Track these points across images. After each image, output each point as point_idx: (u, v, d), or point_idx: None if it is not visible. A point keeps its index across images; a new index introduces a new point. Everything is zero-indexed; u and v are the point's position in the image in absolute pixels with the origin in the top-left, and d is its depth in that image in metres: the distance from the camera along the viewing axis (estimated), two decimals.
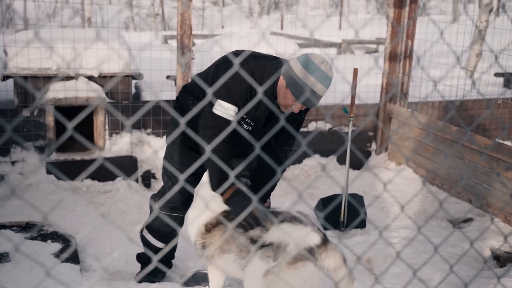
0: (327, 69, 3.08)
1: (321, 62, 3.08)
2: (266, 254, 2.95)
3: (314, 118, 6.65)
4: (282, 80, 3.18)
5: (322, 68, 3.06)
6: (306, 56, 3.11)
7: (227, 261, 3.19)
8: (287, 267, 2.90)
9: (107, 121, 5.98)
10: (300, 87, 3.08)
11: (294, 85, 3.09)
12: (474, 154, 5.52)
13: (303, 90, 3.07)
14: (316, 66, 3.05)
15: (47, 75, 5.72)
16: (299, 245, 2.91)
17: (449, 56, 9.25)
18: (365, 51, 15.47)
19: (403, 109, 6.62)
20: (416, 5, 6.56)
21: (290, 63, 3.14)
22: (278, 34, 16.61)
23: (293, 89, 3.10)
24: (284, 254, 2.91)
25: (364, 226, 5.18)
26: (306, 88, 3.06)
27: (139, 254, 4.15)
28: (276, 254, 2.92)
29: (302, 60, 3.10)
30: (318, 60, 3.08)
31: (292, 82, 3.10)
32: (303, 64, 3.07)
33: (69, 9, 24.41)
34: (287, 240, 2.92)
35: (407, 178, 6.31)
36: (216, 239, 3.22)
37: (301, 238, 2.93)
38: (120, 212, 5.40)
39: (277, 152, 3.53)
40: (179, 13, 5.73)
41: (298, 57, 3.14)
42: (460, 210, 5.52)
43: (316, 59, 3.08)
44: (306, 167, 6.52)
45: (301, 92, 3.08)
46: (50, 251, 4.26)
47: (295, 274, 2.91)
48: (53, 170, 5.67)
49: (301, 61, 3.09)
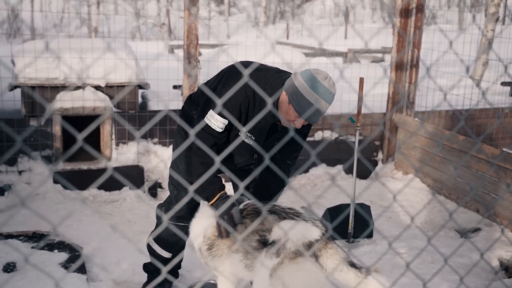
0: (330, 85, 3.05)
1: (324, 78, 3.05)
2: (270, 252, 2.98)
3: (321, 128, 6.64)
4: (284, 95, 3.15)
5: (325, 85, 3.03)
6: (309, 72, 3.08)
7: (234, 260, 3.20)
8: (288, 263, 2.93)
9: (113, 131, 6.00)
10: (303, 104, 3.06)
11: (297, 101, 3.07)
12: (481, 163, 5.50)
13: (306, 106, 3.05)
14: (319, 82, 3.03)
15: (54, 85, 5.74)
16: (298, 241, 2.92)
17: (455, 65, 9.24)
18: (371, 60, 15.47)
19: (410, 119, 6.61)
20: (422, 14, 6.56)
21: (293, 79, 3.11)
22: (284, 43, 16.65)
23: (296, 105, 3.08)
24: (285, 250, 2.93)
25: (372, 236, 5.16)
26: (309, 105, 3.04)
27: (146, 264, 4.14)
28: (278, 251, 2.95)
29: (305, 76, 3.07)
30: (321, 76, 3.05)
31: (295, 98, 3.07)
32: (307, 80, 3.05)
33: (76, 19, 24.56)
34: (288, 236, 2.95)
35: (414, 188, 6.29)
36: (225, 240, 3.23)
37: (301, 233, 2.95)
38: (127, 222, 5.40)
39: (279, 166, 3.51)
40: (186, 23, 5.75)
41: (301, 73, 3.11)
42: (467, 220, 5.49)
43: (320, 75, 3.06)
44: (312, 177, 6.51)
45: (304, 109, 3.07)
46: (57, 261, 4.26)
47: (297, 270, 2.93)
48: (60, 179, 5.68)
49: (305, 77, 3.06)
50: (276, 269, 2.95)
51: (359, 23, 29.31)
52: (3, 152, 5.62)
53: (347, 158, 6.72)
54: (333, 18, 31.08)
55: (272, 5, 30.80)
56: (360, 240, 5.11)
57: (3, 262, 4.14)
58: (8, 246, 4.33)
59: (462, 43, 7.11)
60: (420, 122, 6.46)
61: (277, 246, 2.96)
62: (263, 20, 27.18)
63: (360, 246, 4.99)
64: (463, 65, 9.16)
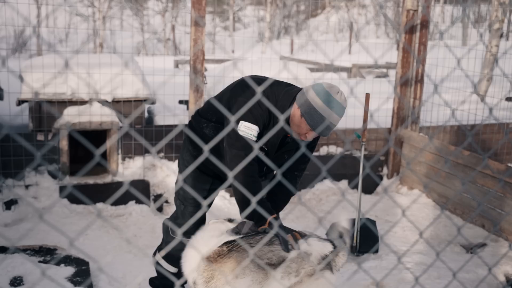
0: (342, 100, 3.12)
1: (337, 92, 3.11)
2: (288, 271, 2.98)
3: (326, 143, 6.66)
4: (297, 108, 3.19)
5: (338, 99, 3.09)
6: (322, 86, 3.13)
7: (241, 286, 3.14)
8: (308, 279, 2.97)
9: (120, 145, 6.03)
10: (316, 118, 3.10)
11: (311, 115, 3.11)
12: (486, 179, 5.50)
13: (319, 121, 3.10)
14: (332, 97, 3.08)
15: (61, 100, 5.79)
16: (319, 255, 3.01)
17: (459, 81, 9.26)
18: (375, 75, 15.53)
19: (415, 134, 6.62)
20: (426, 30, 6.60)
21: (306, 93, 3.15)
22: (289, 58, 16.72)
23: (309, 119, 3.12)
24: (307, 266, 2.98)
25: (377, 251, 5.15)
26: (322, 119, 3.09)
27: (152, 279, 4.15)
28: (298, 269, 2.97)
29: (318, 90, 3.12)
30: (334, 91, 3.11)
31: (308, 112, 3.11)
32: (320, 94, 3.10)
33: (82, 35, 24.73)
34: (309, 251, 3.00)
35: (420, 203, 6.29)
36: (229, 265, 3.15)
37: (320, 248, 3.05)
38: (133, 236, 5.41)
39: (287, 177, 3.55)
40: (192, 39, 5.80)
41: (313, 87, 3.15)
42: (473, 235, 5.49)
43: (332, 89, 3.11)
44: (318, 192, 6.52)
45: (317, 123, 3.11)
46: (64, 275, 4.27)
47: (317, 285, 2.99)
48: (66, 194, 5.70)
49: (318, 91, 3.12)
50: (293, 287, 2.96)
51: (363, 38, 29.42)
52: (10, 166, 5.65)
53: (352, 173, 6.73)
54: (337, 33, 31.22)
55: (276, 21, 30.96)
56: (365, 255, 5.11)
57: (10, 276, 4.15)
58: (15, 260, 4.34)
59: (467, 58, 7.15)
60: (429, 138, 6.48)
61: (296, 265, 2.97)
62: (268, 35, 27.32)
63: (366, 261, 4.99)
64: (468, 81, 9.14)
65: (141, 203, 5.91)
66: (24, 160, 5.65)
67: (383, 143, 6.88)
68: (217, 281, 3.08)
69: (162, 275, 4.01)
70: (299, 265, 2.99)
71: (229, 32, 31.59)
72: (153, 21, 29.73)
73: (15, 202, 5.55)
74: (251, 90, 3.31)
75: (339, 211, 6.11)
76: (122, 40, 24.75)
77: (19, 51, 20.54)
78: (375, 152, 6.83)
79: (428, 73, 3.93)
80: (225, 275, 3.06)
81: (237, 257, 3.06)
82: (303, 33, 31.67)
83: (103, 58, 6.20)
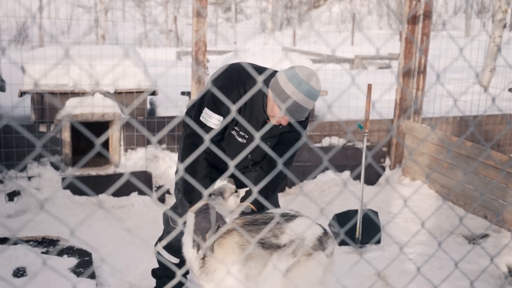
0: (314, 82, 3.08)
1: (306, 74, 3.08)
2: (285, 253, 3.02)
3: (328, 134, 6.65)
4: (270, 92, 3.21)
5: (307, 81, 3.07)
6: (293, 69, 3.12)
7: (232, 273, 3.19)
8: (305, 260, 3.03)
9: (122, 137, 6.03)
10: (283, 100, 3.10)
11: (281, 98, 3.11)
12: (489, 169, 5.50)
13: (289, 104, 3.09)
14: (300, 79, 3.06)
15: (63, 91, 5.79)
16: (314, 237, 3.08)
17: (462, 72, 9.23)
18: (377, 66, 15.48)
19: (417, 125, 6.61)
20: (429, 21, 6.57)
21: (278, 77, 3.16)
22: (291, 50, 16.69)
23: (278, 102, 3.13)
24: (303, 248, 3.03)
25: (379, 242, 5.16)
26: (289, 101, 3.08)
27: (154, 270, 4.16)
28: (295, 250, 3.02)
29: (288, 73, 3.12)
30: (303, 73, 3.08)
31: (277, 94, 3.12)
32: (289, 77, 3.09)
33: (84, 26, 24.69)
34: (303, 235, 3.06)
35: (422, 194, 6.29)
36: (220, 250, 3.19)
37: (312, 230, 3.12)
38: (135, 227, 5.42)
39: (274, 164, 3.58)
40: (194, 30, 5.79)
41: (286, 71, 3.15)
42: (475, 226, 5.49)
43: (302, 71, 3.09)
44: (320, 183, 6.51)
45: (287, 106, 3.11)
46: (66, 266, 4.28)
47: (313, 265, 3.05)
48: (68, 185, 5.72)
49: (287, 74, 3.11)
50: (291, 269, 3.00)
51: (366, 29, 29.32)
52: (13, 157, 5.66)
53: (355, 164, 6.73)
54: (340, 24, 31.11)
55: (278, 12, 30.87)
56: (367, 245, 5.11)
57: (13, 267, 4.17)
58: (17, 251, 4.35)
59: (470, 49, 7.12)
60: (432, 129, 6.46)
61: (292, 246, 3.02)
62: (270, 26, 27.24)
63: (368, 251, 4.99)
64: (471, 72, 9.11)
65: (143, 194, 5.92)
66: (27, 152, 5.65)
67: (385, 134, 6.87)
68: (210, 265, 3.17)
69: (164, 266, 4.02)
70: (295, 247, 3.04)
71: (231, 23, 31.51)
72: (155, 12, 29.67)
73: (18, 194, 5.56)
74: (232, 76, 3.33)
75: (342, 202, 6.12)
76: (124, 32, 24.70)
77: (21, 43, 20.52)
78: (377, 143, 6.82)
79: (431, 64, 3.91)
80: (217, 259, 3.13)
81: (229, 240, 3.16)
82: (305, 24, 31.58)
83: (105, 49, 6.19)
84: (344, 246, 5.11)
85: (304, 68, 3.13)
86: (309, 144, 6.51)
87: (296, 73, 3.09)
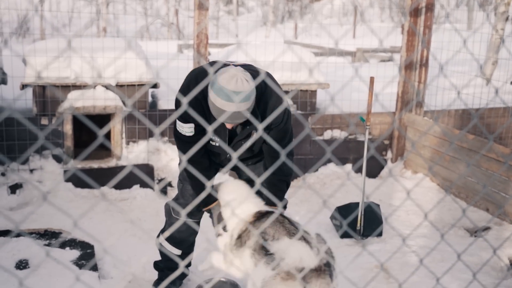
0: (238, 86, 3.02)
1: (226, 78, 3.03)
2: (268, 262, 3.01)
3: (330, 127, 6.65)
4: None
5: (230, 88, 3.01)
6: (216, 75, 3.09)
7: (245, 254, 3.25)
8: (280, 280, 2.92)
9: (124, 130, 6.03)
10: (213, 109, 3.13)
11: (212, 108, 3.15)
12: (491, 162, 5.49)
13: (219, 113, 3.10)
14: (219, 86, 3.02)
15: (65, 84, 5.78)
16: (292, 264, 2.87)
17: (464, 64, 9.21)
18: (379, 59, 15.45)
19: (419, 118, 6.60)
20: (432, 13, 6.56)
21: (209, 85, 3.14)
22: (293, 43, 16.65)
23: (213, 112, 3.16)
24: (279, 267, 2.92)
25: (381, 235, 5.17)
26: (220, 111, 3.08)
27: (156, 262, 4.17)
28: (274, 266, 2.95)
29: (212, 82, 3.08)
30: (223, 77, 3.04)
31: (211, 108, 3.16)
32: (214, 87, 3.06)
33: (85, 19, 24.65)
34: (284, 255, 2.93)
35: (424, 187, 6.29)
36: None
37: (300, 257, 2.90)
38: (137, 220, 5.43)
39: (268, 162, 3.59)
40: (196, 22, 5.78)
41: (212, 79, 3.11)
42: (477, 219, 5.49)
43: (222, 77, 3.04)
44: (321, 176, 6.52)
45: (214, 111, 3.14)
46: (69, 258, 4.30)
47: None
48: (70, 177, 5.73)
49: (212, 83, 3.08)
50: (268, 282, 2.96)
51: (367, 22, 29.23)
52: (15, 150, 5.67)
53: (356, 157, 6.73)
54: (342, 17, 31.03)
55: (280, 5, 30.79)
56: (369, 238, 5.12)
57: (16, 259, 4.19)
58: (20, 244, 4.37)
59: (472, 42, 7.10)
60: (435, 122, 6.45)
61: (275, 260, 2.96)
62: (272, 19, 27.18)
63: (370, 244, 5.00)
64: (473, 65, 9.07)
65: (145, 187, 5.92)
66: (29, 144, 5.66)
67: (387, 127, 6.86)
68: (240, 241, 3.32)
69: (166, 257, 4.03)
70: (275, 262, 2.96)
71: (233, 16, 31.45)
72: (157, 5, 29.61)
73: (20, 186, 5.57)
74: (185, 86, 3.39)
75: (343, 194, 6.12)
76: (125, 24, 24.67)
77: (22, 36, 20.49)
78: (379, 136, 6.82)
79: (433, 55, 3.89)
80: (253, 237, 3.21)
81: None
82: (307, 17, 31.49)
83: (107, 42, 6.18)
84: (346, 238, 5.12)
85: (226, 71, 3.07)
86: (311, 137, 6.51)
87: (215, 82, 3.05)
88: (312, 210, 5.72)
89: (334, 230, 5.28)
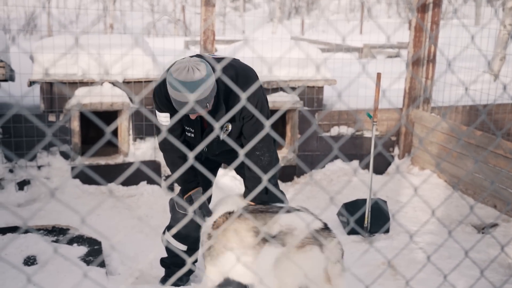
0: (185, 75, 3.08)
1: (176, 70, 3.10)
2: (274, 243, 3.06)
3: (337, 123, 6.64)
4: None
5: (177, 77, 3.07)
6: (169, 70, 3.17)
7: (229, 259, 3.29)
8: (296, 251, 2.98)
9: (131, 126, 6.05)
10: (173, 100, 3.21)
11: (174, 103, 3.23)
12: (499, 158, 5.47)
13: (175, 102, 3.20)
14: (171, 77, 3.09)
15: (72, 81, 5.80)
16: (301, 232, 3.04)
17: (472, 60, 9.17)
18: (386, 55, 15.39)
19: (427, 114, 6.58)
20: (439, 9, 6.52)
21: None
22: (300, 39, 16.61)
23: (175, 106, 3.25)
24: (292, 238, 3.01)
25: (388, 231, 5.16)
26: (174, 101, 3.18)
27: (163, 259, 4.18)
28: (283, 240, 3.03)
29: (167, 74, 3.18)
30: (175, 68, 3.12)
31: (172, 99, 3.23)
32: (167, 78, 3.15)
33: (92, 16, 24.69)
34: (294, 225, 3.07)
35: (431, 183, 6.27)
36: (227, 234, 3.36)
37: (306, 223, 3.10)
38: (144, 216, 5.45)
39: (250, 158, 3.55)
40: (203, 19, 5.77)
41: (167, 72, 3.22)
42: (484, 216, 5.47)
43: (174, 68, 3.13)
44: (328, 172, 6.51)
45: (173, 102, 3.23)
46: (76, 255, 4.32)
47: (304, 258, 3.03)
48: (78, 174, 5.74)
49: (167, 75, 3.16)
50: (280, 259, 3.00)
51: (374, 18, 29.13)
52: (22, 147, 5.69)
53: (363, 153, 6.72)
54: (348, 13, 30.95)
55: (287, 1, 30.74)
56: (376, 235, 5.11)
57: (24, 255, 4.21)
58: (28, 240, 4.39)
59: (480, 37, 7.06)
60: (442, 118, 6.43)
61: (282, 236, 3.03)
62: (278, 15, 27.14)
63: (377, 241, 4.99)
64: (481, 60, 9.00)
65: (152, 183, 5.94)
66: (36, 141, 5.68)
67: (394, 123, 6.84)
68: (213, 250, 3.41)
69: (172, 254, 4.04)
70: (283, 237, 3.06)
71: (240, 12, 31.42)
72: (163, 1, 29.62)
73: (28, 183, 5.60)
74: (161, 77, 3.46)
75: (350, 191, 6.11)
76: (132, 21, 24.69)
77: (30, 33, 20.56)
78: (386, 132, 6.80)
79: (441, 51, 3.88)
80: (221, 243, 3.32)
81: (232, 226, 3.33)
82: (314, 13, 31.42)
83: (114, 38, 6.19)
84: (353, 235, 5.11)
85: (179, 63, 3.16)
86: (318, 133, 6.50)
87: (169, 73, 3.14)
88: (319, 207, 5.72)
89: (341, 226, 5.28)
